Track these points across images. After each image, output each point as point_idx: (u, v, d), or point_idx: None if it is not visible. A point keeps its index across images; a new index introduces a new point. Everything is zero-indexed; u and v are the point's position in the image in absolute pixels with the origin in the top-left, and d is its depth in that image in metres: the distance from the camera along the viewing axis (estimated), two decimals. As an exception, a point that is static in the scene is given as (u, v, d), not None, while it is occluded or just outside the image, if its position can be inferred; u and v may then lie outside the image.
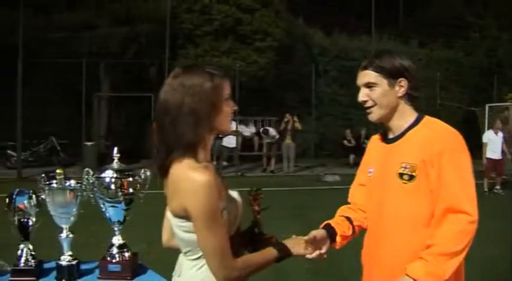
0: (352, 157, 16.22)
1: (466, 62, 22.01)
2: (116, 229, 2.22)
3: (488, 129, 13.58)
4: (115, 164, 2.20)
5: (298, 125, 14.82)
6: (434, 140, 1.90)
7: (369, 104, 2.02)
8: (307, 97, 16.95)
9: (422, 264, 1.80)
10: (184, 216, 1.57)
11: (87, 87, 14.24)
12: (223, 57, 15.92)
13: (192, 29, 16.01)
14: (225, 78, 1.68)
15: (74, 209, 2.14)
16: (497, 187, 11.42)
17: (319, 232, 1.96)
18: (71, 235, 2.16)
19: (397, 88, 1.99)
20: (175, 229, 1.64)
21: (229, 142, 14.56)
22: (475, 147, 17.44)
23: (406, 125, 2.01)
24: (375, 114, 2.01)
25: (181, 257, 1.71)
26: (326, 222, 2.07)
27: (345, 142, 17.14)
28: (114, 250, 2.18)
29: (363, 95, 2.03)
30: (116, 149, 2.23)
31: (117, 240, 2.21)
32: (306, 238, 1.82)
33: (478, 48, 22.28)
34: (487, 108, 16.39)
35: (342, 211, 2.17)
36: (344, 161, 16.47)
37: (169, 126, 1.58)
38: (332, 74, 19.46)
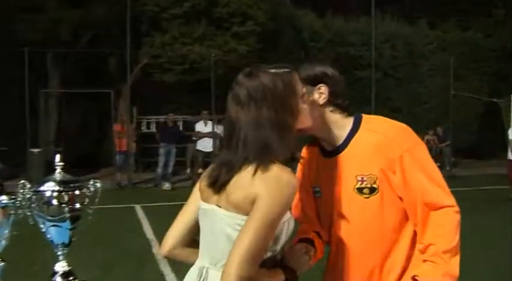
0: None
1: (485, 44, 22.15)
2: (59, 253, 2.16)
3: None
4: (58, 174, 2.15)
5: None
6: (389, 143, 2.04)
7: None
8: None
9: (432, 267, 1.96)
10: (247, 210, 1.65)
11: (31, 83, 14.11)
12: (195, 45, 15.92)
13: (157, 11, 15.98)
14: (293, 72, 1.81)
15: (6, 231, 2.09)
16: None
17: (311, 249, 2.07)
18: (1, 263, 2.09)
19: (316, 96, 2.08)
20: (228, 229, 1.70)
21: (205, 145, 14.58)
22: (500, 146, 17.51)
23: (345, 134, 2.12)
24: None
25: (197, 271, 1.77)
26: (306, 236, 2.15)
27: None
28: (58, 279, 2.12)
29: None
30: (58, 157, 2.18)
31: (61, 267, 2.15)
32: (310, 254, 2.00)
33: (501, 28, 22.43)
34: (512, 99, 16.36)
35: (312, 226, 2.24)
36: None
37: (241, 145, 1.70)
38: (326, 63, 19.53)
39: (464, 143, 19.38)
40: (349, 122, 2.13)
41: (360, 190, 2.07)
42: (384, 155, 2.03)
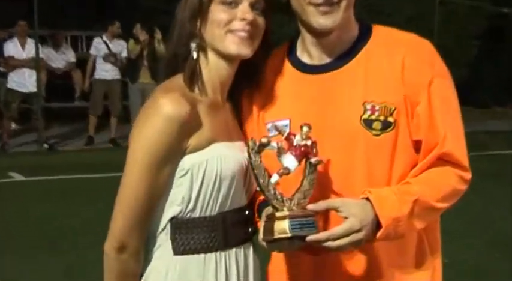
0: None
1: None
2: None
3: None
4: None
5: (161, 47, 14.31)
6: (418, 63, 2.28)
7: None
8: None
9: (389, 195, 2.18)
10: None
11: None
12: None
13: None
14: None
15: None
16: None
17: None
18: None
19: None
20: None
21: (23, 81, 14.09)
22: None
23: (348, 43, 2.37)
24: (338, 16, 2.26)
25: None
26: None
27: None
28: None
29: None
30: None
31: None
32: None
33: None
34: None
35: None
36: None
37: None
38: None
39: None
40: (356, 25, 2.40)
41: (369, 124, 2.27)
42: (409, 78, 2.26)
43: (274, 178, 2.12)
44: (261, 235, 2.18)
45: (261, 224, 2.24)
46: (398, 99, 2.26)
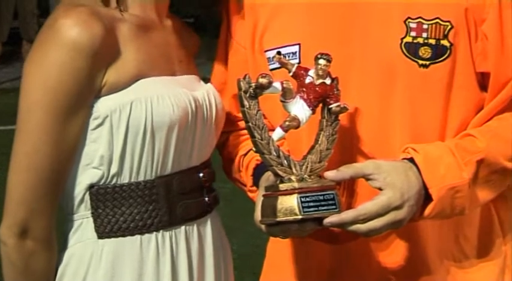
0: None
1: None
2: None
3: None
4: None
5: None
6: None
7: None
8: None
9: (442, 156, 1.86)
10: None
11: None
12: None
13: None
14: None
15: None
16: None
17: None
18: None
19: None
20: None
21: None
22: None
23: None
24: None
25: None
26: None
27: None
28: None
29: None
30: None
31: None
32: None
33: None
34: None
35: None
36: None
37: None
38: None
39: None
40: None
41: (414, 49, 1.89)
42: None
43: (278, 133, 1.78)
44: (258, 215, 1.85)
45: (257, 199, 1.90)
46: (456, 13, 1.88)
